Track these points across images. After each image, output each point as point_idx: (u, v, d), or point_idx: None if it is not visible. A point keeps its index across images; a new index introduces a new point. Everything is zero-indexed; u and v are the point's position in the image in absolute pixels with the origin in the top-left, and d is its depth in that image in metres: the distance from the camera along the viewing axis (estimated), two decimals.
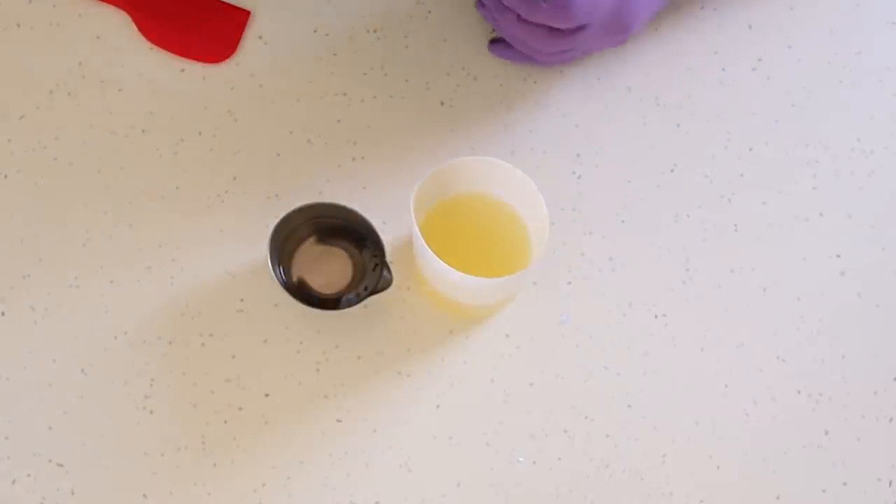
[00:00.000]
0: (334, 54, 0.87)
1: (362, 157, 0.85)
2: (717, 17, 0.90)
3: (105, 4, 0.86)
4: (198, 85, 0.86)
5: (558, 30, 0.77)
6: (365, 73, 0.86)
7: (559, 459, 0.81)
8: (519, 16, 0.77)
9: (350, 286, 0.81)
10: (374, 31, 0.88)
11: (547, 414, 0.81)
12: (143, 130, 0.84)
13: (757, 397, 0.83)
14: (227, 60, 0.86)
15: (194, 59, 0.85)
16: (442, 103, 0.86)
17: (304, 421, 0.80)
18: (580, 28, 0.76)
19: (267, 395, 0.80)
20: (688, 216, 0.85)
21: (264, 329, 0.81)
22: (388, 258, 0.79)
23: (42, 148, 0.84)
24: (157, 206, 0.83)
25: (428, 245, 0.70)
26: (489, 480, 0.80)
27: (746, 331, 0.84)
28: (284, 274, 0.80)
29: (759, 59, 0.88)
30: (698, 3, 0.90)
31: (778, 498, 0.81)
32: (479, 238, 0.79)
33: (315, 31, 0.87)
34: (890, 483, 0.82)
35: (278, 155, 0.85)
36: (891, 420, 0.83)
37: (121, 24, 0.86)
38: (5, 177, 0.83)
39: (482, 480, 0.80)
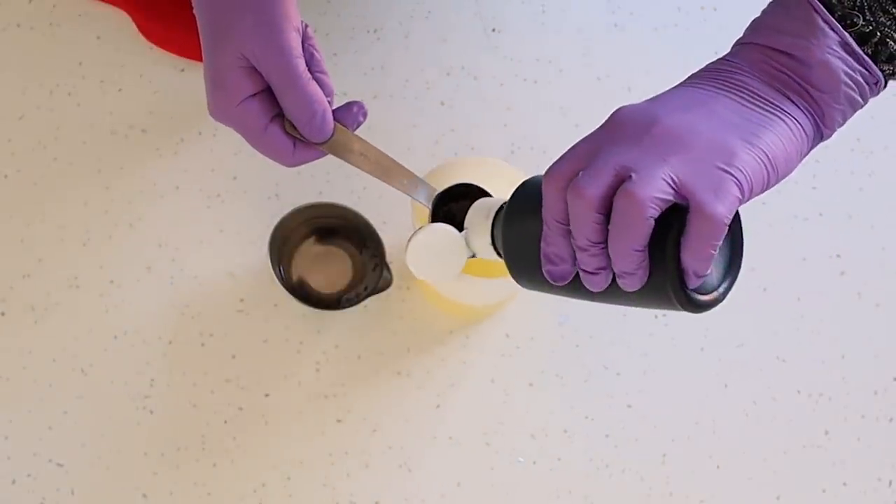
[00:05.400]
0: (334, 54, 0.87)
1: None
2: (717, 17, 0.90)
3: (105, 4, 0.86)
4: (198, 85, 0.86)
5: None
6: (365, 73, 0.86)
7: (559, 459, 0.81)
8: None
9: (350, 286, 0.81)
10: (374, 31, 0.88)
11: (547, 414, 0.81)
12: (143, 130, 0.84)
13: (757, 397, 0.83)
14: None
15: (194, 59, 0.85)
16: (442, 103, 0.86)
17: (304, 421, 0.80)
18: None
19: (267, 395, 0.80)
20: None
21: (264, 329, 0.81)
22: (388, 258, 0.79)
23: (42, 148, 0.84)
24: (157, 206, 0.83)
25: None
26: (489, 480, 0.80)
27: (746, 331, 0.84)
28: (284, 274, 0.80)
29: None
30: (698, 2, 0.90)
31: (778, 498, 0.81)
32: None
33: (315, 31, 0.87)
34: (890, 483, 0.82)
35: None
36: (891, 420, 0.83)
37: (121, 24, 0.86)
38: (5, 177, 0.83)
39: (482, 480, 0.80)
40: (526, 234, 0.56)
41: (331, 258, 0.82)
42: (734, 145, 0.52)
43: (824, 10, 0.55)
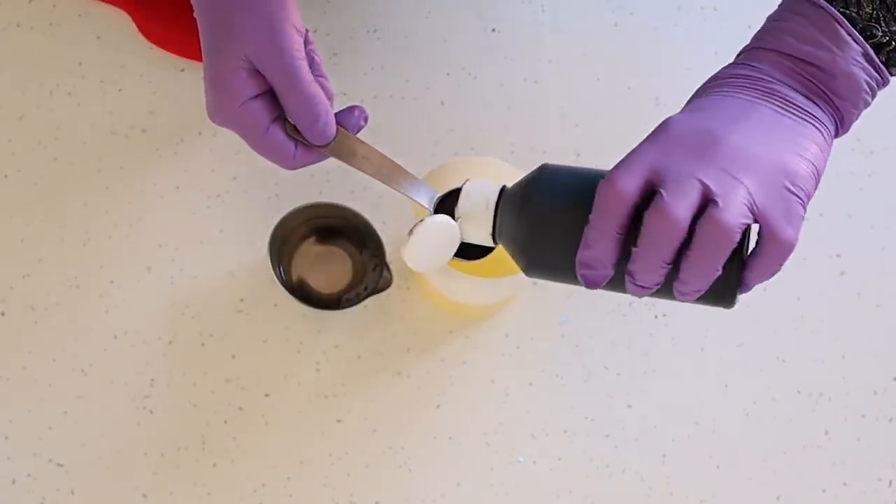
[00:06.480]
0: (334, 54, 0.87)
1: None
2: (717, 17, 0.90)
3: (105, 4, 0.86)
4: (198, 85, 0.85)
5: None
6: (365, 73, 0.86)
7: (559, 459, 0.81)
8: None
9: (350, 286, 0.81)
10: (374, 31, 0.88)
11: (547, 414, 0.81)
12: (143, 130, 0.84)
13: (757, 397, 0.83)
14: None
15: (194, 59, 0.85)
16: (442, 103, 0.86)
17: (304, 421, 0.80)
18: None
19: (267, 395, 0.80)
20: None
21: (264, 329, 0.81)
22: (388, 258, 0.79)
23: (42, 148, 0.84)
24: (156, 206, 0.83)
25: None
26: (489, 480, 0.80)
27: (746, 331, 0.84)
28: (284, 274, 0.80)
29: None
30: (698, 2, 0.90)
31: (778, 498, 0.81)
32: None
33: (315, 31, 0.87)
34: (890, 483, 0.82)
35: None
36: (891, 420, 0.83)
37: (121, 24, 0.86)
38: (5, 177, 0.83)
39: (482, 480, 0.80)
40: (554, 231, 0.55)
41: (331, 258, 0.82)
42: (793, 162, 0.54)
43: (847, 23, 0.57)
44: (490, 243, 0.59)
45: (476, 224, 0.58)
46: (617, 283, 0.56)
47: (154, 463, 0.79)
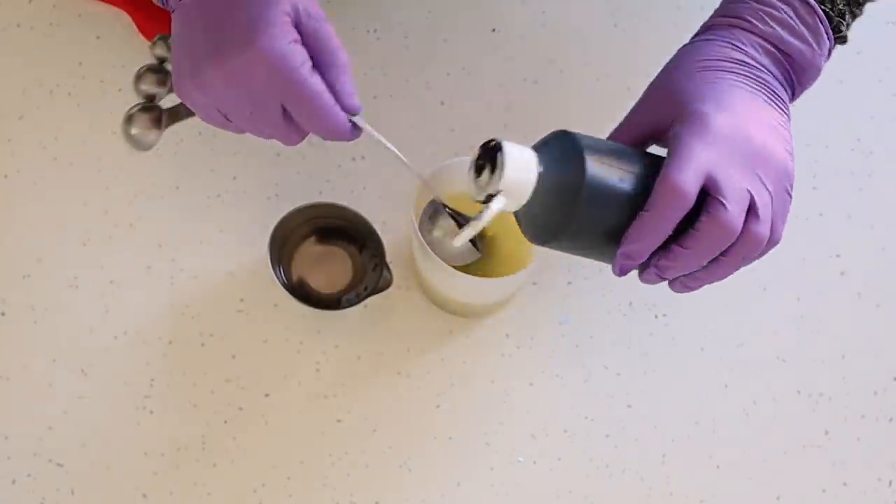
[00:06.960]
0: None
1: (362, 157, 0.85)
2: None
3: (105, 4, 0.86)
4: None
5: None
6: (365, 73, 0.86)
7: (559, 459, 0.81)
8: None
9: (350, 286, 0.81)
10: (374, 31, 0.88)
11: (547, 414, 0.81)
12: None
13: (757, 397, 0.83)
14: None
15: None
16: (442, 103, 0.86)
17: (304, 421, 0.80)
18: None
19: (267, 395, 0.80)
20: None
21: (264, 329, 0.81)
22: (388, 258, 0.79)
23: (42, 148, 0.84)
24: (156, 206, 0.83)
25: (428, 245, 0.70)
26: (489, 480, 0.80)
27: (746, 331, 0.84)
28: (284, 274, 0.80)
29: None
30: (698, 2, 0.90)
31: (778, 498, 0.81)
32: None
33: None
34: (890, 483, 0.82)
35: (278, 155, 0.85)
36: (891, 420, 0.83)
37: (121, 24, 0.86)
38: (5, 177, 0.83)
39: (482, 480, 0.80)
40: (596, 218, 0.57)
41: (331, 258, 0.82)
42: (788, 161, 0.58)
43: (826, 21, 0.61)
44: (508, 211, 0.59)
45: (510, 200, 0.58)
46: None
47: (154, 463, 0.79)
